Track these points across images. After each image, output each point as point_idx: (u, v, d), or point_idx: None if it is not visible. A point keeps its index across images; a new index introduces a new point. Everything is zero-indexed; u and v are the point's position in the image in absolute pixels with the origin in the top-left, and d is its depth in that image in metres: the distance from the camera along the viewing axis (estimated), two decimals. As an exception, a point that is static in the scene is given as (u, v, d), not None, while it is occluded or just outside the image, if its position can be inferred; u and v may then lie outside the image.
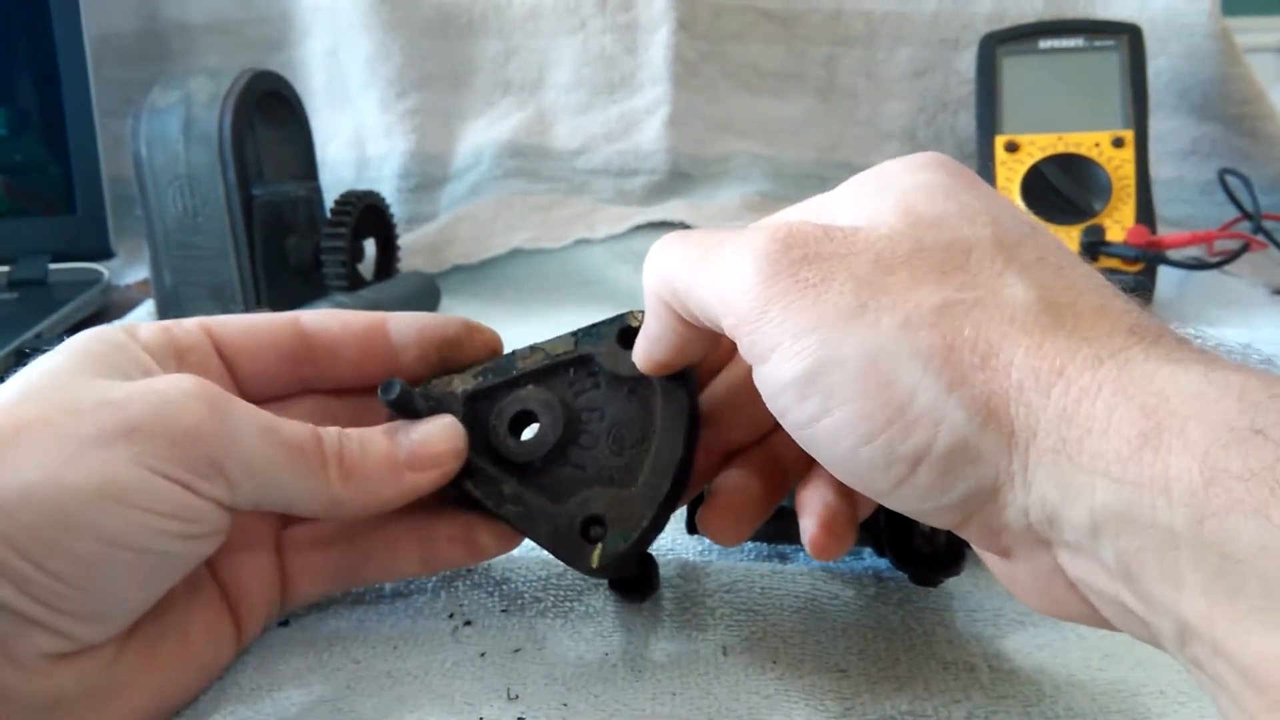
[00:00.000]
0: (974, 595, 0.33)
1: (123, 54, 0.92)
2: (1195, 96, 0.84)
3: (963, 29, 0.88)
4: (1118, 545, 0.19)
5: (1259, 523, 0.17)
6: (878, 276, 0.23)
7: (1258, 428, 0.18)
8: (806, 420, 0.23)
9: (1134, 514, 0.18)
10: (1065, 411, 0.20)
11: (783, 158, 0.87)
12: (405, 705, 0.28)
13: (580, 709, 0.28)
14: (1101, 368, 0.20)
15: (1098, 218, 0.70)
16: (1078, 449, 0.19)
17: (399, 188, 0.85)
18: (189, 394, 0.26)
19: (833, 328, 0.22)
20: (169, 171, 0.65)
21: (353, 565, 0.32)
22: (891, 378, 0.21)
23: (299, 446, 0.28)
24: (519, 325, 0.68)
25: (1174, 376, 0.19)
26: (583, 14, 0.88)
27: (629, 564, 0.30)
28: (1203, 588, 0.17)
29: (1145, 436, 0.19)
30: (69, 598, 0.24)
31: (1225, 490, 0.17)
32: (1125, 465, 0.19)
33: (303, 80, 0.91)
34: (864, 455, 0.22)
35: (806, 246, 0.23)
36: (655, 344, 0.29)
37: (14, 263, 0.77)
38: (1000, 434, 0.20)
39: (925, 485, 0.22)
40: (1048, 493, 0.20)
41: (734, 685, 0.29)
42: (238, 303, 0.66)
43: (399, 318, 0.33)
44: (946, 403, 0.21)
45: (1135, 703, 0.28)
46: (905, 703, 0.28)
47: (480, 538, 0.32)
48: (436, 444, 0.30)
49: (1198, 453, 0.18)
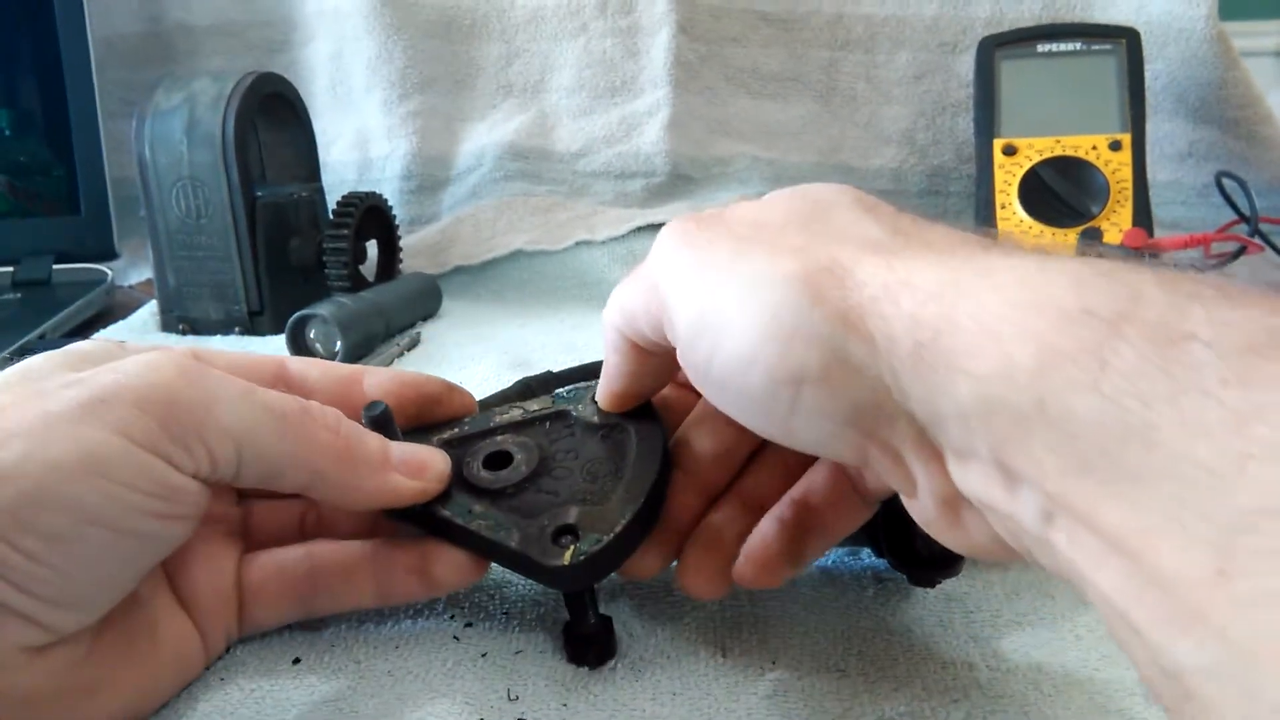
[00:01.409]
0: (972, 596, 0.33)
1: (127, 56, 0.93)
2: (1192, 100, 0.85)
3: (961, 33, 0.88)
4: (988, 436, 0.19)
5: (1093, 398, 0.17)
6: (752, 232, 0.26)
7: (1087, 307, 0.18)
8: (703, 362, 0.25)
9: (991, 403, 0.19)
10: (915, 316, 0.21)
11: (783, 161, 0.88)
12: (406, 705, 0.29)
13: (580, 709, 0.28)
14: (943, 271, 0.21)
15: (1095, 220, 0.71)
16: (933, 349, 0.20)
17: (401, 189, 0.86)
18: (159, 363, 0.26)
19: (715, 273, 0.25)
20: (172, 173, 0.65)
21: (308, 594, 0.31)
22: (761, 303, 0.23)
23: (281, 411, 0.28)
24: (520, 326, 0.68)
25: (1010, 269, 0.20)
26: (584, 17, 0.88)
27: (600, 571, 0.29)
28: (1059, 465, 0.18)
29: (986, 328, 0.19)
30: (44, 579, 0.24)
31: (1059, 370, 0.18)
32: (974, 359, 0.19)
33: (306, 82, 0.91)
34: (753, 384, 0.23)
35: (697, 221, 0.27)
36: (615, 377, 0.32)
37: (18, 263, 0.77)
38: (865, 343, 0.21)
39: (813, 405, 0.23)
40: (922, 397, 0.21)
41: (733, 686, 0.29)
42: (240, 303, 0.66)
43: (378, 371, 0.34)
44: (811, 317, 0.22)
45: (1132, 702, 0.28)
46: (904, 703, 0.28)
47: (436, 568, 0.31)
48: (425, 457, 0.31)
49: (1033, 337, 0.19)
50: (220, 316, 0.67)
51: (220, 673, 0.30)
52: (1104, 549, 0.17)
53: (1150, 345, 0.17)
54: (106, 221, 0.78)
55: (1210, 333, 0.17)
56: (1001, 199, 0.73)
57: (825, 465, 0.31)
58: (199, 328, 0.67)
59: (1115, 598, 0.17)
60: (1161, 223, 0.80)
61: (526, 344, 0.63)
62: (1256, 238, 0.73)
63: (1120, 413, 0.17)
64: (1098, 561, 0.18)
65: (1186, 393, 0.16)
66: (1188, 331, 0.17)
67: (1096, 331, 0.18)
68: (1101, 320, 0.18)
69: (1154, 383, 0.17)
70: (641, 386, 0.32)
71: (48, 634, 0.25)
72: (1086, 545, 0.18)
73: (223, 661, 0.31)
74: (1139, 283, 0.19)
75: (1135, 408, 0.17)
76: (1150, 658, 0.16)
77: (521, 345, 0.63)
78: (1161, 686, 0.16)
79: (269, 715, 0.28)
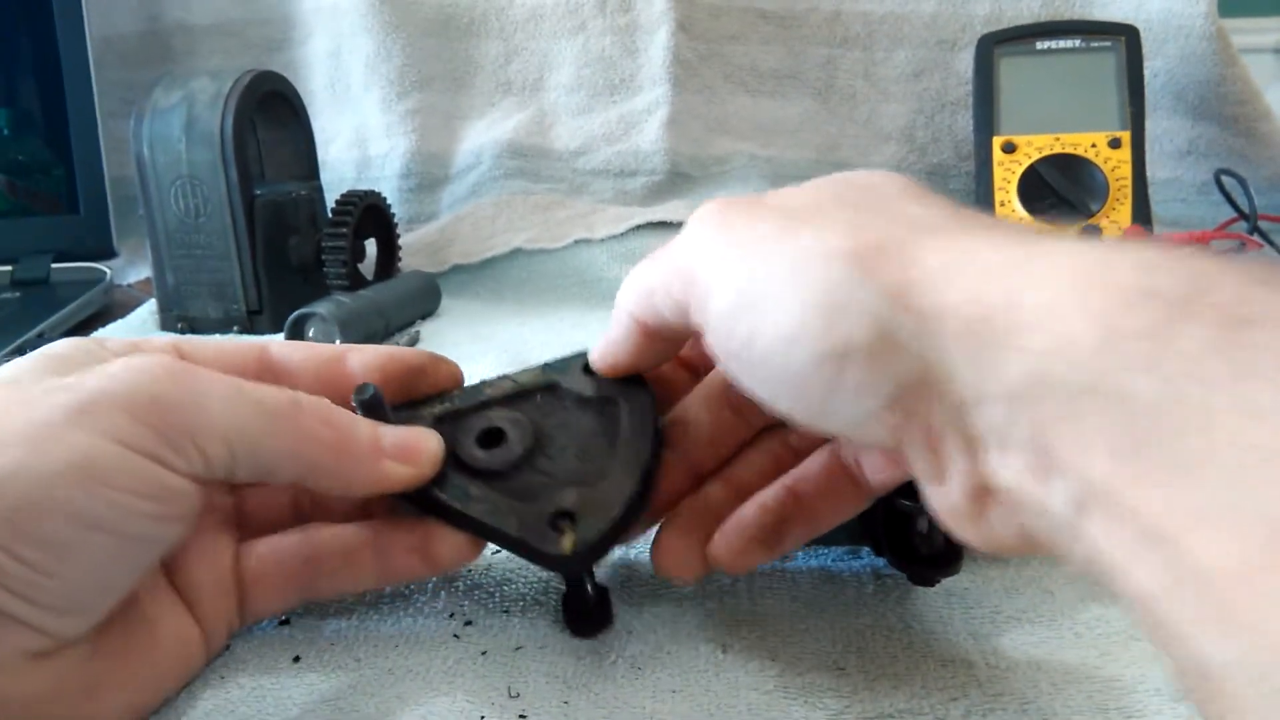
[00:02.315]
0: (971, 594, 0.33)
1: (125, 55, 0.93)
2: (1192, 97, 0.85)
3: (960, 30, 0.88)
4: (1032, 416, 0.19)
5: (1152, 379, 0.17)
6: (798, 212, 0.25)
7: (1153, 289, 0.18)
8: (742, 344, 0.24)
9: (1043, 381, 0.19)
10: (973, 292, 0.20)
11: (781, 158, 0.88)
12: (407, 703, 0.29)
13: (581, 706, 0.28)
14: (1003, 252, 0.21)
15: (1094, 218, 0.71)
16: (988, 327, 0.20)
17: (400, 188, 0.85)
18: (144, 365, 0.26)
19: (758, 252, 0.24)
20: (171, 171, 0.65)
21: (309, 578, 0.31)
22: (810, 278, 0.23)
23: (273, 407, 0.28)
24: (519, 325, 0.68)
25: (1072, 252, 0.20)
26: (583, 15, 0.88)
27: (599, 554, 0.30)
28: (1108, 447, 0.18)
29: (1047, 306, 0.19)
30: (45, 588, 0.24)
31: (1121, 350, 0.18)
32: (1031, 335, 0.19)
33: (304, 81, 0.91)
34: (795, 361, 0.23)
35: (736, 206, 0.27)
36: (614, 346, 0.31)
37: (17, 262, 0.77)
38: (915, 319, 0.21)
39: (856, 383, 0.22)
40: (968, 375, 0.20)
41: (733, 683, 0.29)
42: (239, 302, 0.66)
43: (363, 348, 0.33)
44: (861, 291, 0.22)
45: (1131, 700, 0.28)
46: (903, 700, 0.28)
47: (437, 548, 0.31)
48: (417, 441, 0.30)
49: (1096, 315, 0.18)
50: (219, 315, 0.67)
51: (220, 670, 0.30)
52: (1140, 538, 0.17)
53: (1215, 329, 0.17)
54: (105, 220, 0.78)
55: (1274, 319, 0.17)
56: (1001, 196, 0.73)
57: (821, 455, 0.31)
58: (198, 326, 0.67)
59: (1147, 589, 0.17)
60: (1161, 220, 0.80)
61: (526, 342, 0.63)
62: (1256, 235, 0.73)
63: (1179, 395, 0.17)
64: (1131, 552, 0.17)
65: (1248, 378, 0.16)
66: (1251, 317, 0.17)
67: (1160, 313, 0.18)
68: (1166, 302, 0.18)
69: (1216, 367, 0.17)
70: (639, 364, 0.32)
71: (50, 639, 0.25)
72: (1120, 536, 0.18)
73: (223, 659, 0.31)
74: (1204, 268, 0.18)
75: (1195, 391, 0.17)
76: (1181, 652, 0.16)
77: (521, 343, 0.63)
78: (1191, 681, 0.16)
79: (269, 713, 0.28)
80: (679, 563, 0.31)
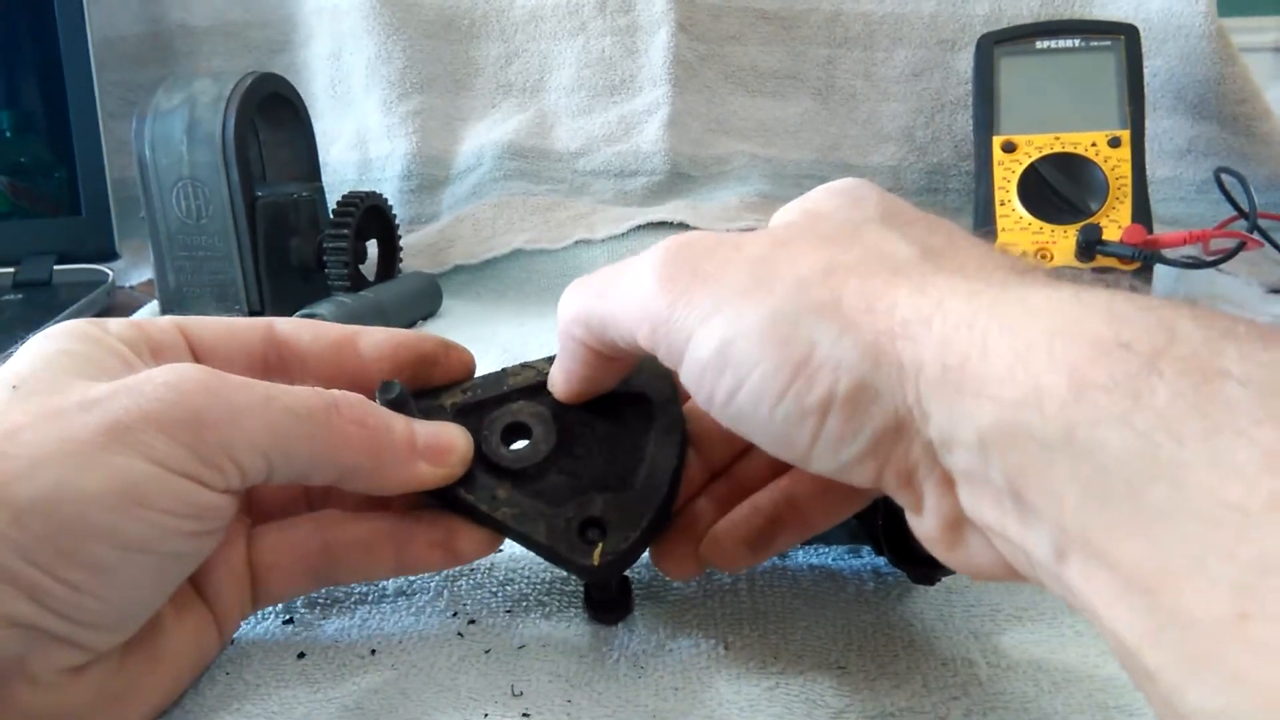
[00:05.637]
0: (971, 592, 0.33)
1: (127, 56, 0.93)
2: (1191, 96, 0.85)
3: (960, 30, 0.88)
4: (1004, 464, 0.19)
5: (1123, 431, 0.17)
6: (770, 254, 0.24)
7: (1123, 341, 0.18)
8: (726, 396, 0.24)
9: (1014, 431, 0.19)
10: (946, 340, 0.21)
11: (782, 158, 0.88)
12: (410, 701, 0.29)
13: (583, 705, 0.28)
14: (977, 298, 0.21)
15: (1094, 217, 0.71)
16: (960, 374, 0.20)
17: (401, 189, 0.86)
18: (176, 382, 0.26)
19: (733, 303, 0.24)
20: (173, 173, 0.65)
21: (326, 566, 0.31)
22: (790, 334, 0.23)
23: (306, 412, 0.27)
24: (520, 325, 0.68)
25: (1046, 299, 0.20)
26: (583, 16, 0.88)
27: (628, 564, 0.30)
28: (1078, 498, 0.18)
29: (1018, 355, 0.19)
30: (86, 608, 0.24)
31: (1092, 402, 0.18)
32: (1002, 385, 0.19)
33: (305, 82, 0.91)
34: (780, 414, 0.23)
35: (700, 246, 0.26)
36: (571, 377, 0.31)
37: (19, 264, 0.77)
38: (893, 369, 0.21)
39: (838, 432, 0.22)
40: (942, 421, 0.21)
41: (734, 681, 0.29)
42: (241, 303, 0.66)
43: (373, 331, 0.32)
44: (840, 347, 0.22)
45: (1132, 699, 0.28)
46: (904, 699, 0.28)
47: (460, 544, 0.31)
48: (448, 440, 0.30)
49: (1066, 367, 0.18)
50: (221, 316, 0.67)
51: (225, 668, 0.30)
52: (1119, 586, 0.17)
53: (1185, 382, 0.17)
54: (107, 222, 0.79)
55: (1244, 372, 0.17)
56: (1001, 196, 0.73)
57: None
58: (200, 327, 0.67)
59: (1129, 636, 0.17)
60: (1161, 219, 0.80)
61: (526, 342, 0.63)
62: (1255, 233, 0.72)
63: (1151, 448, 0.17)
64: (1112, 598, 0.17)
65: (1219, 432, 0.16)
66: (1222, 370, 0.17)
67: (1131, 365, 0.18)
68: (1137, 355, 0.18)
69: (1187, 420, 0.17)
70: (600, 387, 0.31)
71: (87, 654, 0.25)
72: (1100, 581, 0.18)
73: (228, 656, 0.31)
74: (1174, 318, 0.18)
75: (1166, 444, 0.17)
76: (1163, 699, 0.16)
77: (521, 344, 0.63)
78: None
79: (274, 711, 0.29)
80: (677, 562, 0.31)
